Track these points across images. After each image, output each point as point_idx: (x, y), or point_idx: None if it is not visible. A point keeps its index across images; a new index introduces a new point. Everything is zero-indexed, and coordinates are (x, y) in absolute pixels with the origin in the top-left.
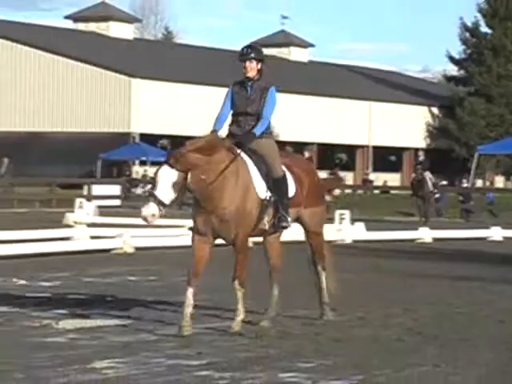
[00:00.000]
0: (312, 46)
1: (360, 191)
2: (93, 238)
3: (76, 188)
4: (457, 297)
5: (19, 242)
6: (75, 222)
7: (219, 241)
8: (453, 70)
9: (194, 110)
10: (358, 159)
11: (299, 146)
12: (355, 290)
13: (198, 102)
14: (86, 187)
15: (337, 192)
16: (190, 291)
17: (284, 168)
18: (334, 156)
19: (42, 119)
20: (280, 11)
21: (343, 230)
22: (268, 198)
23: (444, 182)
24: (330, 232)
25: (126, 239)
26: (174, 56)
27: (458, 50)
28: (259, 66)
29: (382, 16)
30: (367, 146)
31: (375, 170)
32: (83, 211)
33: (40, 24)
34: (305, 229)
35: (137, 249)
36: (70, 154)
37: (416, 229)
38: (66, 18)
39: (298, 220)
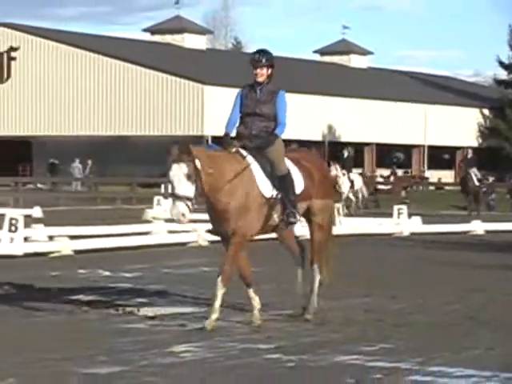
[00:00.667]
0: (371, 53)
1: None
2: (170, 232)
3: (154, 187)
4: (508, 285)
5: (103, 237)
6: (154, 218)
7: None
8: (503, 74)
9: None
10: (414, 158)
11: (360, 146)
12: (413, 280)
13: None
14: (163, 186)
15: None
16: (251, 291)
17: (292, 163)
18: (391, 155)
19: (124, 124)
20: (341, 22)
21: (401, 223)
22: (274, 195)
23: (492, 178)
24: (389, 225)
25: (200, 233)
26: (242, 64)
27: (507, 55)
28: (269, 72)
29: (437, 24)
30: (423, 146)
31: (430, 167)
32: (161, 208)
33: (120, 37)
34: (310, 222)
35: (210, 242)
36: (149, 155)
37: (469, 222)
38: (144, 30)
39: (306, 213)
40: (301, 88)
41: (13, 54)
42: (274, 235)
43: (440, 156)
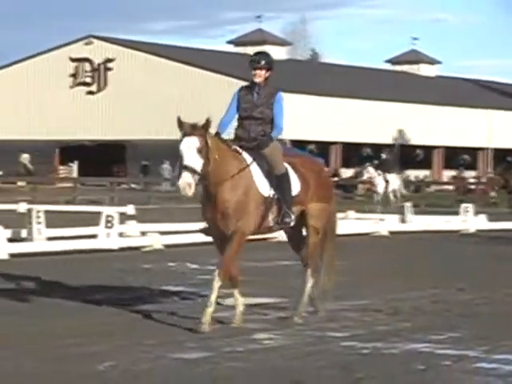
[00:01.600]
0: (439, 62)
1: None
2: None
3: None
4: None
5: (190, 233)
6: None
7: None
8: None
9: (335, 119)
10: (479, 160)
11: (428, 149)
12: (479, 274)
13: (338, 112)
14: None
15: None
16: (236, 292)
17: (289, 167)
18: (458, 157)
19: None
20: (411, 33)
21: (468, 220)
22: (271, 195)
23: None
24: (456, 222)
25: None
26: (319, 73)
27: None
28: (267, 74)
29: (499, 34)
30: (487, 149)
31: (495, 169)
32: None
33: (206, 48)
34: (306, 225)
35: (392, 233)
36: None
37: None
38: (228, 42)
39: (302, 217)
40: (373, 95)
41: (109, 65)
42: None
43: (505, 158)
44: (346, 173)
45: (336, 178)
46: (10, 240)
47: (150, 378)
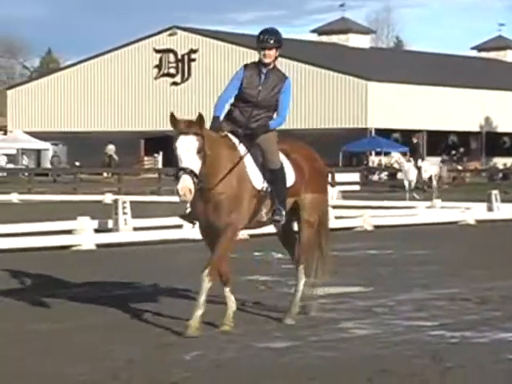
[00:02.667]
0: None
1: None
2: (337, 218)
3: None
4: None
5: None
6: None
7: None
8: None
9: (420, 107)
10: None
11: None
12: None
13: (424, 100)
14: (330, 175)
15: None
16: (227, 290)
17: (282, 155)
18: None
19: (293, 119)
20: (497, 20)
21: None
22: (265, 188)
23: None
24: None
25: (366, 218)
26: (403, 61)
27: None
28: (277, 54)
29: None
30: None
31: None
32: (329, 195)
33: (291, 38)
34: (298, 218)
35: (375, 227)
36: (316, 147)
37: None
38: (312, 31)
39: (294, 209)
40: (459, 82)
41: (192, 56)
42: None
43: None
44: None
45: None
46: (97, 231)
47: (236, 366)
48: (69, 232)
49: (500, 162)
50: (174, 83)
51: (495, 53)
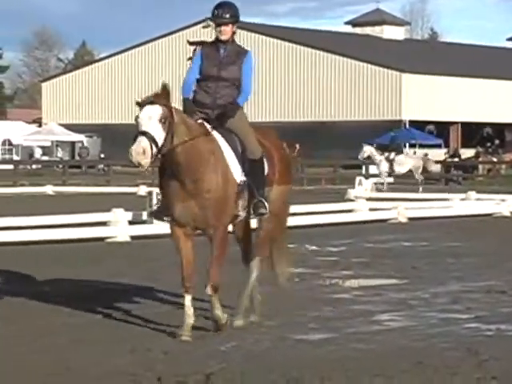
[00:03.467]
0: None
1: None
2: (371, 210)
3: (356, 168)
4: None
5: (309, 214)
6: (356, 197)
7: None
8: None
9: (455, 98)
10: None
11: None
12: None
13: (458, 91)
14: (364, 167)
15: None
16: (189, 299)
17: None
18: None
19: (327, 110)
20: None
21: None
22: (243, 181)
23: None
24: None
25: (401, 211)
26: (437, 53)
27: None
28: (234, 28)
29: None
30: None
31: None
32: (362, 187)
33: (325, 30)
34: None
35: (410, 219)
36: (351, 139)
37: None
38: (346, 23)
39: None
40: (494, 73)
41: None
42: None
43: None
44: (466, 153)
45: (456, 159)
46: (131, 222)
47: (271, 358)
48: (103, 224)
49: None
50: None
51: None
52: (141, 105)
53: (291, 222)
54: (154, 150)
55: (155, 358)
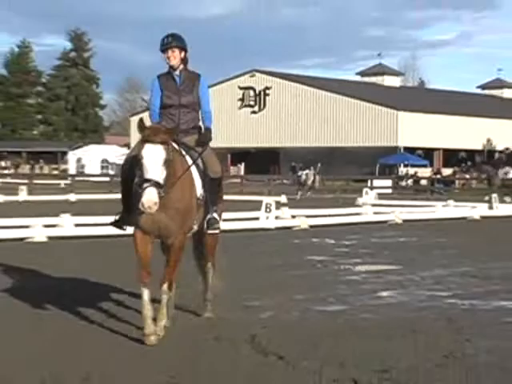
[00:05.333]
0: None
1: None
2: (375, 213)
3: (363, 182)
4: None
5: (329, 216)
6: (363, 204)
7: None
8: None
9: (438, 130)
10: None
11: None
12: None
13: (440, 125)
14: (369, 181)
15: None
16: (147, 293)
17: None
18: None
19: (338, 138)
20: (497, 66)
21: None
22: (202, 196)
23: None
24: None
25: (397, 214)
26: (424, 96)
27: None
28: (182, 55)
29: None
30: None
31: None
32: (368, 196)
33: (339, 78)
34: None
35: (404, 221)
36: (359, 160)
37: None
38: (357, 74)
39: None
40: (467, 112)
41: (267, 92)
42: None
43: None
44: (446, 171)
45: (438, 176)
46: None
47: (300, 324)
48: None
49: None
50: (253, 112)
51: (495, 90)
52: (142, 132)
53: (315, 221)
54: (161, 192)
55: (214, 324)
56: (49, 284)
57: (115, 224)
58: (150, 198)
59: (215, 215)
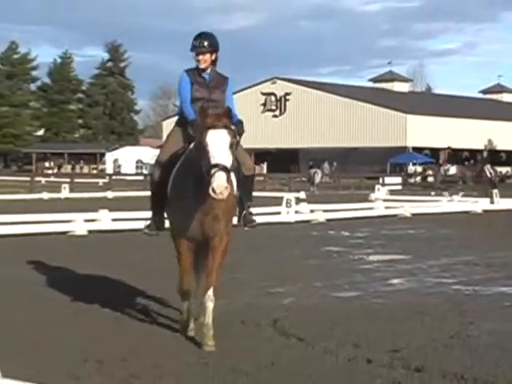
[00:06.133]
0: None
1: None
2: (386, 208)
3: (375, 179)
4: None
5: (345, 210)
6: (375, 199)
7: None
8: None
9: (443, 132)
10: None
11: (510, 153)
12: None
13: (445, 127)
14: (381, 178)
15: None
16: (189, 305)
17: None
18: None
19: (352, 139)
20: (497, 72)
21: None
22: (238, 194)
23: None
24: None
25: (406, 208)
26: (431, 101)
27: None
28: (213, 57)
29: None
30: None
31: None
32: (380, 192)
33: (354, 85)
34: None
35: (413, 214)
36: (372, 159)
37: None
38: (369, 80)
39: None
40: (470, 115)
41: (287, 97)
42: None
43: None
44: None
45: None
46: None
47: (318, 310)
48: None
49: (498, 170)
50: (275, 116)
51: (495, 95)
52: (204, 119)
53: (331, 215)
54: (230, 178)
55: (239, 308)
56: (87, 274)
57: (146, 231)
58: (220, 182)
59: (250, 211)
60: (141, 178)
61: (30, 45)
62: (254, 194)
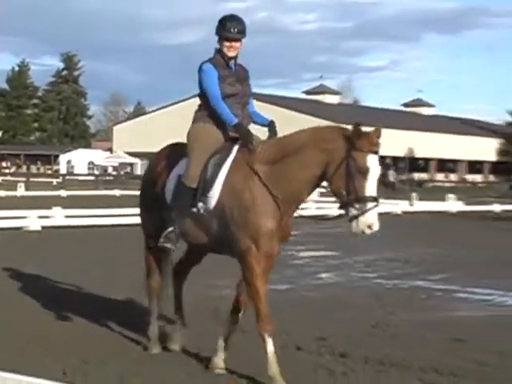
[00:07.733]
0: (434, 106)
1: None
2: (317, 208)
3: None
4: None
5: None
6: (308, 200)
7: None
8: None
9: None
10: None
11: (427, 160)
12: (458, 238)
13: None
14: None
15: None
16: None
17: None
18: (445, 165)
19: None
20: (417, 87)
21: (452, 205)
22: None
23: None
24: (443, 206)
25: (336, 209)
26: (358, 112)
27: None
28: (241, 45)
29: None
30: (460, 160)
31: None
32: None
33: (290, 96)
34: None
35: (341, 215)
36: None
37: None
38: (303, 92)
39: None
40: (393, 126)
41: None
42: None
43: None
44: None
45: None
46: None
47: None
48: None
49: (416, 176)
50: None
51: (415, 108)
52: (366, 142)
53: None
54: None
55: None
56: (46, 268)
57: (169, 241)
58: (376, 221)
59: None
60: (92, 178)
61: None
62: None
